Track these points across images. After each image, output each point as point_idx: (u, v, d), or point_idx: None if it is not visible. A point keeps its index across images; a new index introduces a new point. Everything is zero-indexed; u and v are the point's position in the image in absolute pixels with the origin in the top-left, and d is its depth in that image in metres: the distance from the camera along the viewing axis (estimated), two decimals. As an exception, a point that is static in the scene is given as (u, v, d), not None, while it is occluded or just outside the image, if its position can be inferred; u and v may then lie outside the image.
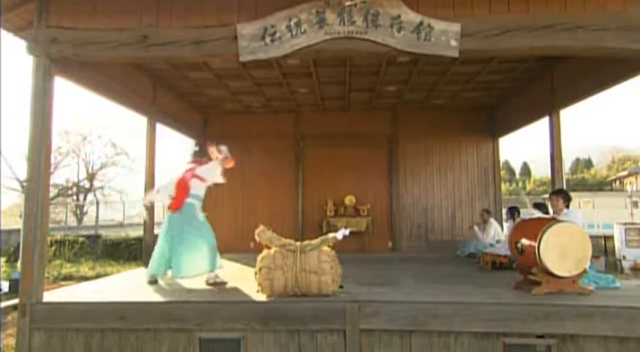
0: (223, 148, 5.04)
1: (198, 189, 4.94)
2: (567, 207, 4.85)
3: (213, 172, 5.02)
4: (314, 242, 4.14)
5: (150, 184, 6.86)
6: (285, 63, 6.27)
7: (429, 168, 9.10)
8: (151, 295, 4.37)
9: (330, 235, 4.19)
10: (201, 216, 4.86)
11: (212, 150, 5.09)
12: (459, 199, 9.00)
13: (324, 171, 9.05)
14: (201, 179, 4.96)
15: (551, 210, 5.07)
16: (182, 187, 4.87)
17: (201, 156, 5.04)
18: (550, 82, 6.59)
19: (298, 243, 4.16)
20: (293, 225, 8.80)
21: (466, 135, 9.04)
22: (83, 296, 4.32)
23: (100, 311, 3.89)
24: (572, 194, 5.19)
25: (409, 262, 6.97)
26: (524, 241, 4.29)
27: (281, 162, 9.12)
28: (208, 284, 4.72)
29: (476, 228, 7.51)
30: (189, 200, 4.84)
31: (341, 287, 4.20)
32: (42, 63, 4.20)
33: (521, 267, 4.50)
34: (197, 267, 4.67)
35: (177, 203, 4.82)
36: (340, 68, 6.67)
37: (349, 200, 8.88)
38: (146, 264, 6.71)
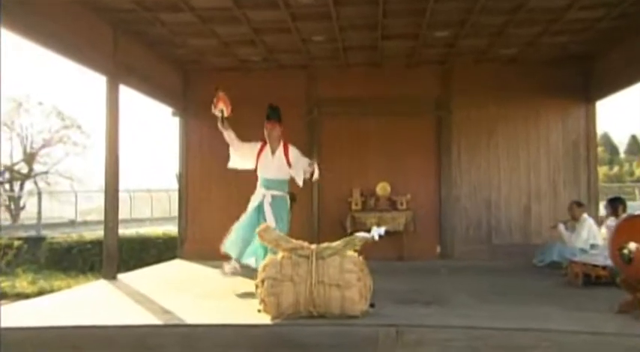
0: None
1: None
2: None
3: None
4: (335, 244, 4.16)
5: (112, 166, 6.91)
6: (295, 0, 6.23)
7: (493, 144, 9.06)
8: (116, 317, 4.42)
9: (359, 235, 4.21)
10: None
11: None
12: (537, 188, 8.95)
13: (347, 149, 9.06)
14: None
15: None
16: None
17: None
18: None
19: (313, 246, 4.18)
20: (306, 222, 8.81)
21: (548, 98, 8.92)
22: (20, 320, 4.35)
23: (43, 339, 3.92)
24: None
25: (465, 273, 7.04)
26: (633, 246, 4.21)
27: (288, 137, 9.08)
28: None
29: (561, 227, 7.45)
30: None
31: (372, 305, 4.22)
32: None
33: (629, 283, 4.42)
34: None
35: None
36: (370, 5, 6.58)
37: (382, 188, 8.88)
38: (106, 276, 6.82)
